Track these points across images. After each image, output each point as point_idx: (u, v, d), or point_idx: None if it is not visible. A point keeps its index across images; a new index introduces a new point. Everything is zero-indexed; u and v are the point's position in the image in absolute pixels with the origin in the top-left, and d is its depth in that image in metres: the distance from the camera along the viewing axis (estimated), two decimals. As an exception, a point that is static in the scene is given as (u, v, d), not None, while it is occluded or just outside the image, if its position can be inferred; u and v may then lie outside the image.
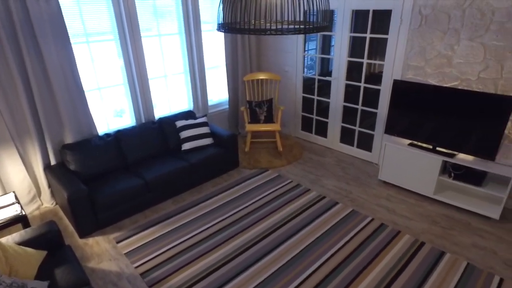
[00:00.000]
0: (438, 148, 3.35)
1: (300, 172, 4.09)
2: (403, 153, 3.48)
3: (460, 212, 3.25)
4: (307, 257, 2.74)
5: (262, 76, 4.63)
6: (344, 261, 2.68)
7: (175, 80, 4.33)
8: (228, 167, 4.11)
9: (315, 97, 4.66)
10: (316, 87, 4.61)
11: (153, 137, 3.71)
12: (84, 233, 3.04)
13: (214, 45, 4.65)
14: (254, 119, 4.57)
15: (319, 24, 1.86)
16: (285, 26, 1.88)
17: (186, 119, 4.00)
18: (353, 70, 4.18)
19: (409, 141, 3.54)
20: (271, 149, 4.69)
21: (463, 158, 3.17)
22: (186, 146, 3.80)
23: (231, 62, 4.67)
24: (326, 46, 4.59)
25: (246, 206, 3.42)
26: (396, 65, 3.62)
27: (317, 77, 4.56)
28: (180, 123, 3.86)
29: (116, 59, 3.65)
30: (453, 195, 3.35)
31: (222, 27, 1.87)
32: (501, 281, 2.44)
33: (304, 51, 4.60)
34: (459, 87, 3.24)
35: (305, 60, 4.70)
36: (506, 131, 3.08)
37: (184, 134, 3.82)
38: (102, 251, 2.87)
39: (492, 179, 3.21)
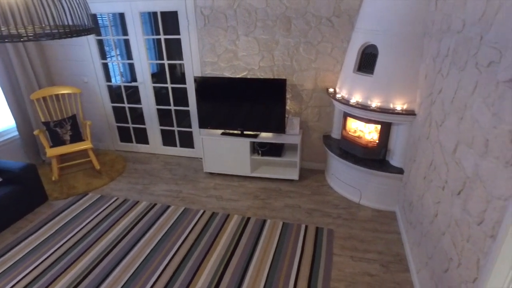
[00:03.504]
0: (245, 132, 3.79)
1: (125, 186, 3.80)
2: (218, 142, 3.76)
3: (273, 182, 3.80)
4: (148, 266, 2.60)
5: (56, 91, 4.00)
6: (185, 257, 2.69)
7: None
8: (33, 204, 3.38)
9: (126, 105, 4.41)
10: (125, 94, 4.36)
11: None
12: None
13: (-23, 60, 3.67)
14: (57, 141, 3.92)
15: (79, 27, 1.70)
16: (36, 31, 1.62)
17: (-50, 159, 3.02)
18: (163, 72, 4.16)
19: (221, 131, 3.85)
20: (88, 169, 4.16)
21: (265, 136, 3.70)
22: (-43, 194, 2.88)
23: (8, 79, 3.81)
24: (130, 51, 4.38)
25: (65, 242, 2.91)
26: (194, 63, 3.83)
27: (122, 84, 4.31)
28: None
29: None
30: (265, 169, 3.88)
31: None
32: (306, 227, 3.01)
33: (106, 58, 4.25)
34: (248, 76, 3.74)
35: (113, 68, 4.35)
36: (287, 107, 3.79)
37: (-50, 179, 2.88)
38: None
39: (288, 148, 3.91)
